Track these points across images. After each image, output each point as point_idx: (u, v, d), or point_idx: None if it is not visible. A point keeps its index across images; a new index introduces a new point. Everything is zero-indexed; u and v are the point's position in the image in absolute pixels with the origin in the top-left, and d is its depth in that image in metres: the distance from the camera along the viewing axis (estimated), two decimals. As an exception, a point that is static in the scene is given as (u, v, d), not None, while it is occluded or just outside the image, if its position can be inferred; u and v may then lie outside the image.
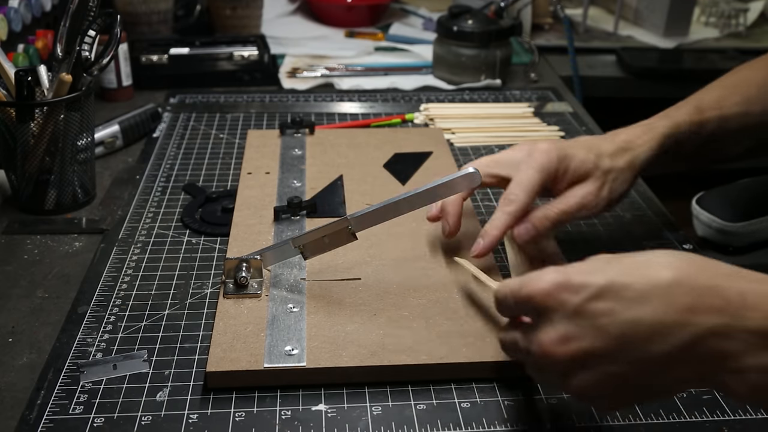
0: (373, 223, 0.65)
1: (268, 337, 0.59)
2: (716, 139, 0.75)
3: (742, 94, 0.76)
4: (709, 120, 0.74)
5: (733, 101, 0.75)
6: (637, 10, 1.59)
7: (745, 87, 0.77)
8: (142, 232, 0.78)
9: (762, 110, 0.76)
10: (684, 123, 0.72)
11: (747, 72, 0.80)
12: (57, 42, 0.79)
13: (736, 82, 0.78)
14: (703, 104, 0.75)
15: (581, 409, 0.56)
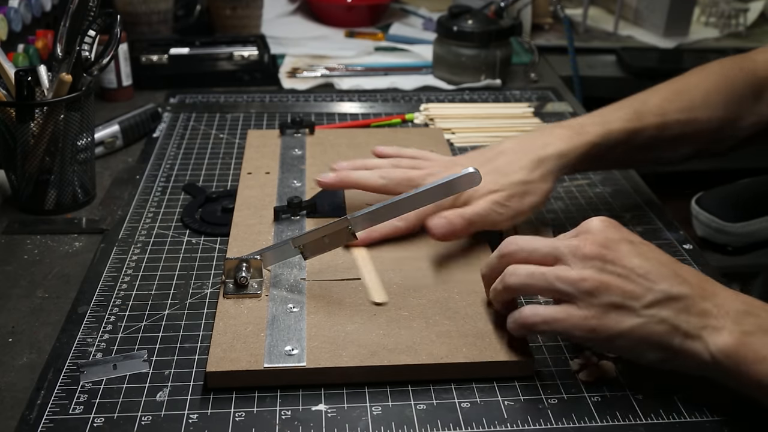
0: (373, 223, 0.65)
1: (268, 337, 0.59)
2: (653, 145, 0.75)
3: (688, 101, 0.76)
4: (648, 127, 0.74)
5: (677, 107, 0.75)
6: (637, 10, 1.59)
7: (691, 93, 0.77)
8: (142, 232, 0.78)
9: (707, 117, 0.76)
10: (617, 131, 0.72)
11: (697, 77, 0.80)
12: (57, 42, 0.79)
13: (684, 88, 0.78)
14: (644, 108, 0.75)
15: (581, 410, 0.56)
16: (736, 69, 0.80)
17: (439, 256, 0.70)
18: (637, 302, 0.52)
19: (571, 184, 0.89)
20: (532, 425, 0.54)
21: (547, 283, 0.54)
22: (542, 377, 0.58)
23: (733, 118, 0.78)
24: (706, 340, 0.51)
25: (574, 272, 0.53)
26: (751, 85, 0.79)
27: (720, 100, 0.77)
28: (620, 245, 0.54)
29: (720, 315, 0.51)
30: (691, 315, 0.52)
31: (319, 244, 0.66)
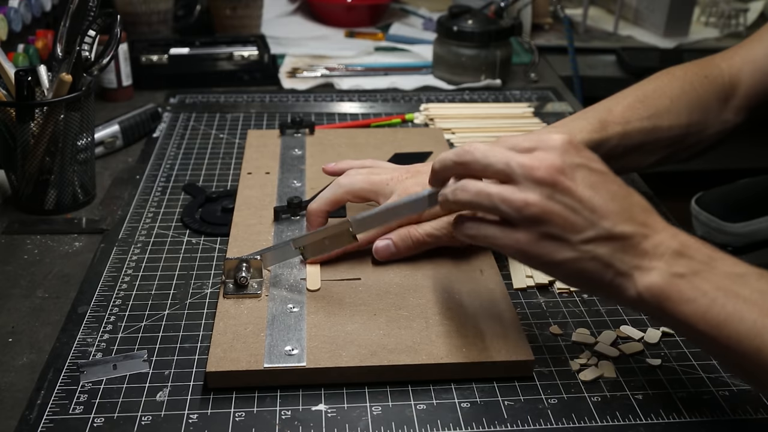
0: (374, 226, 0.65)
1: (268, 337, 0.59)
2: (617, 154, 0.75)
3: (653, 107, 0.76)
4: (612, 137, 0.73)
5: (640, 115, 0.75)
6: (637, 10, 1.59)
7: (656, 99, 0.77)
8: (142, 232, 0.78)
9: (670, 124, 0.76)
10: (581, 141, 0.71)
11: (664, 80, 0.79)
12: (57, 42, 0.79)
13: (650, 93, 0.77)
14: (609, 118, 0.74)
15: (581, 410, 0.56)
16: (701, 76, 0.79)
17: (440, 256, 0.70)
18: (575, 236, 0.51)
19: (571, 184, 0.89)
20: (532, 425, 0.54)
21: (491, 204, 0.53)
22: (542, 377, 0.58)
23: (698, 125, 0.78)
24: (635, 279, 0.51)
25: (519, 195, 0.51)
26: (716, 93, 0.79)
27: (684, 108, 0.77)
28: (576, 172, 0.52)
29: (655, 255, 0.51)
30: (626, 254, 0.51)
31: (320, 246, 0.66)
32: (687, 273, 0.50)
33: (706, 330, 0.49)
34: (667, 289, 0.50)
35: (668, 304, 0.49)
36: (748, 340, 0.47)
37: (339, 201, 0.71)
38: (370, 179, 0.71)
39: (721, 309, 0.48)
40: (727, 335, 0.48)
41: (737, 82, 0.80)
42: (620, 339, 0.63)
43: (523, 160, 0.52)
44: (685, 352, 0.62)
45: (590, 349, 0.62)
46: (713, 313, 0.48)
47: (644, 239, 0.51)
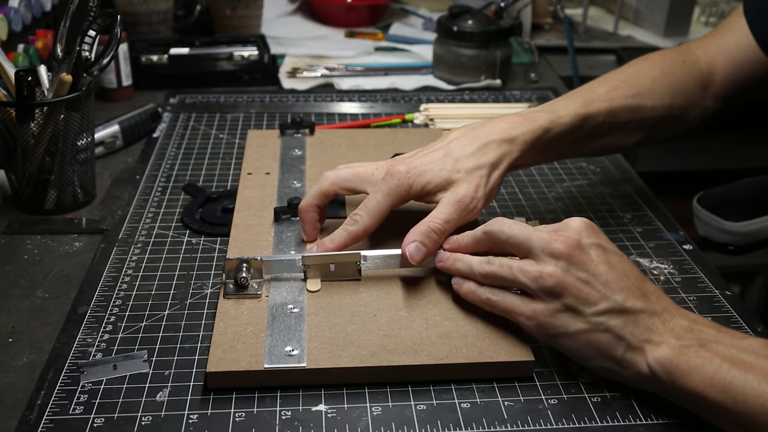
0: (383, 266, 0.66)
1: (268, 338, 0.59)
2: (603, 132, 0.75)
3: (636, 87, 0.77)
4: (597, 113, 0.74)
5: (624, 94, 0.76)
6: (637, 10, 1.59)
7: (638, 79, 0.77)
8: (142, 232, 0.78)
9: (653, 104, 0.77)
10: (567, 115, 0.72)
11: (644, 64, 0.81)
12: (57, 42, 0.79)
13: (632, 75, 0.78)
14: (593, 96, 0.75)
15: (581, 410, 0.56)
16: (680, 61, 0.80)
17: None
18: (589, 308, 0.54)
19: (571, 184, 0.89)
20: (532, 425, 0.54)
21: (512, 274, 0.57)
22: (542, 377, 0.59)
23: (680, 109, 0.79)
24: (646, 353, 0.53)
25: (537, 267, 0.56)
26: (695, 79, 0.80)
27: (666, 89, 0.78)
28: (591, 249, 0.56)
29: (665, 331, 0.54)
30: (637, 328, 0.54)
31: (324, 270, 0.66)
32: (694, 345, 0.52)
33: (713, 395, 0.50)
34: (676, 360, 0.52)
35: (677, 375, 0.52)
36: (754, 399, 0.49)
37: (326, 193, 0.70)
38: (355, 170, 0.70)
39: (726, 373, 0.50)
40: (734, 398, 0.49)
41: (713, 71, 0.81)
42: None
43: (543, 235, 0.56)
44: (685, 352, 0.62)
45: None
46: (719, 377, 0.50)
47: (655, 315, 0.54)
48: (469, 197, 0.65)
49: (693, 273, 0.72)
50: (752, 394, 0.49)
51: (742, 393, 0.49)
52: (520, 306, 0.57)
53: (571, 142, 0.74)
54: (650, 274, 0.72)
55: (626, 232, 0.79)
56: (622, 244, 0.77)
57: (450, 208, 0.65)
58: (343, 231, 0.66)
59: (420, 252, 0.63)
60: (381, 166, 0.70)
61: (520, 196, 0.86)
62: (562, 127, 0.71)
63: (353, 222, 0.66)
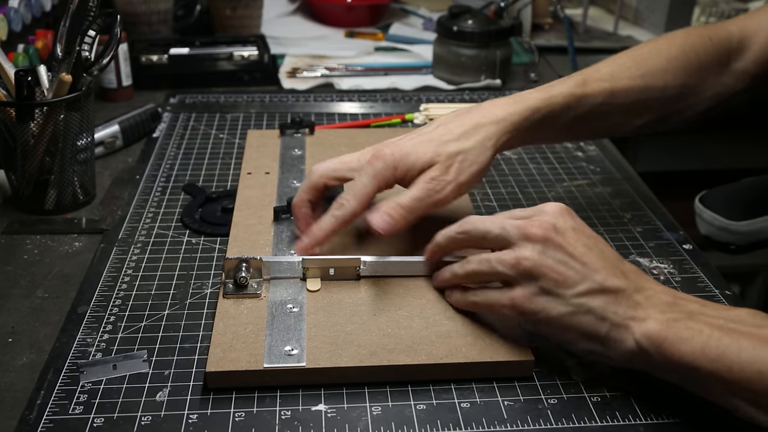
0: (381, 271, 0.66)
1: (268, 337, 0.59)
2: (603, 112, 0.72)
3: (646, 66, 0.74)
4: (596, 93, 0.71)
5: (630, 74, 0.73)
6: (637, 10, 1.59)
7: (652, 58, 0.75)
8: (142, 232, 0.78)
9: (664, 84, 0.74)
10: (560, 95, 0.70)
11: (663, 42, 0.77)
12: (57, 42, 0.79)
13: (645, 53, 0.76)
14: (594, 76, 0.72)
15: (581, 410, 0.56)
16: (705, 38, 0.77)
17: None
18: (569, 290, 0.54)
19: (571, 184, 0.89)
20: (532, 425, 0.54)
21: (490, 267, 0.57)
22: (542, 377, 0.58)
23: (694, 88, 0.76)
24: (632, 329, 0.53)
25: (514, 253, 0.56)
26: (718, 55, 0.76)
27: (681, 67, 0.75)
28: (567, 232, 0.56)
29: (648, 306, 0.53)
30: (620, 306, 0.53)
31: (324, 273, 0.66)
32: (681, 317, 0.52)
33: (706, 365, 0.49)
34: (664, 332, 0.51)
35: (666, 346, 0.51)
36: (750, 365, 0.48)
37: (316, 186, 0.70)
38: (341, 159, 0.70)
39: (718, 342, 0.49)
40: (728, 366, 0.49)
41: (746, 45, 0.77)
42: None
43: (517, 222, 0.56)
44: (685, 352, 0.62)
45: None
46: (711, 347, 0.49)
47: (637, 292, 0.54)
48: (437, 179, 0.65)
49: (693, 273, 0.72)
50: (747, 361, 0.48)
51: (737, 360, 0.48)
52: (500, 296, 0.57)
53: (566, 123, 0.71)
54: (650, 274, 0.72)
55: (626, 232, 0.79)
56: (622, 244, 0.77)
57: (419, 186, 0.65)
58: (330, 217, 0.66)
59: (383, 221, 0.63)
60: (366, 151, 0.69)
61: (520, 196, 0.86)
62: (555, 107, 0.69)
63: (339, 206, 0.66)
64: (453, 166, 0.66)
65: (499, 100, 0.70)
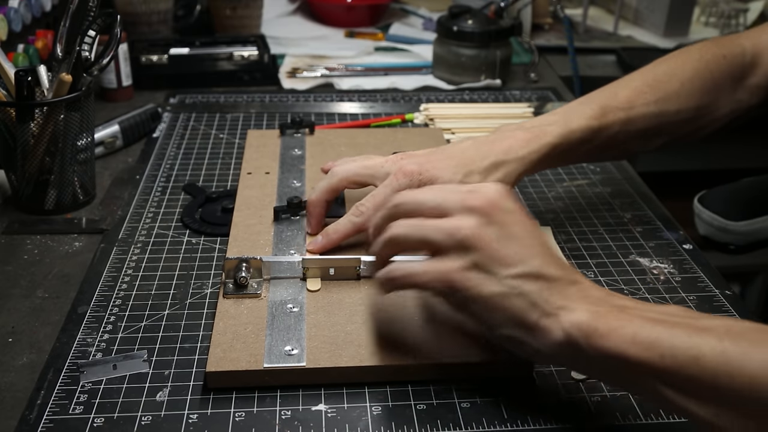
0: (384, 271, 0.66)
1: (268, 337, 0.59)
2: (620, 140, 0.73)
3: (661, 90, 0.74)
4: (612, 123, 0.71)
5: (646, 100, 0.73)
6: (637, 10, 1.59)
7: (666, 82, 0.74)
8: (142, 232, 0.78)
9: (678, 108, 0.74)
10: (579, 129, 0.70)
11: (678, 62, 0.77)
12: (57, 42, 0.79)
13: (660, 76, 0.75)
14: (611, 103, 0.72)
15: (581, 410, 0.56)
16: (719, 56, 0.76)
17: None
18: (504, 270, 0.51)
19: (571, 183, 0.89)
20: (532, 425, 0.54)
21: (422, 233, 0.53)
22: (542, 377, 0.58)
23: (708, 108, 0.76)
24: (561, 318, 0.50)
25: (453, 221, 0.52)
26: (731, 72, 0.76)
27: (696, 90, 0.75)
28: (509, 213, 0.52)
29: (579, 299, 0.51)
30: (552, 295, 0.51)
31: (324, 273, 0.66)
32: (612, 310, 0.50)
33: (637, 354, 0.47)
34: (594, 322, 0.49)
35: (596, 336, 0.48)
36: (683, 352, 0.46)
37: (336, 188, 0.71)
38: (364, 164, 0.71)
39: (649, 331, 0.47)
40: (660, 353, 0.46)
41: (759, 61, 0.77)
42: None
43: (458, 194, 0.53)
44: (685, 352, 0.62)
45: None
46: (643, 335, 0.47)
47: (571, 284, 0.52)
48: None
49: (693, 272, 0.72)
50: (681, 348, 0.46)
51: (669, 347, 0.46)
52: (428, 269, 0.52)
53: (584, 153, 0.73)
54: (650, 273, 0.72)
55: (626, 232, 0.79)
56: (622, 244, 0.77)
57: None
58: (348, 222, 0.68)
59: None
60: (390, 160, 0.70)
61: (520, 195, 0.86)
62: (573, 142, 0.70)
63: (359, 213, 0.68)
64: None
65: (519, 133, 0.70)
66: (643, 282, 0.71)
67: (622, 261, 0.74)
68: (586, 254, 0.75)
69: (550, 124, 0.71)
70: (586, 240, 0.77)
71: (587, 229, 0.79)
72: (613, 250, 0.76)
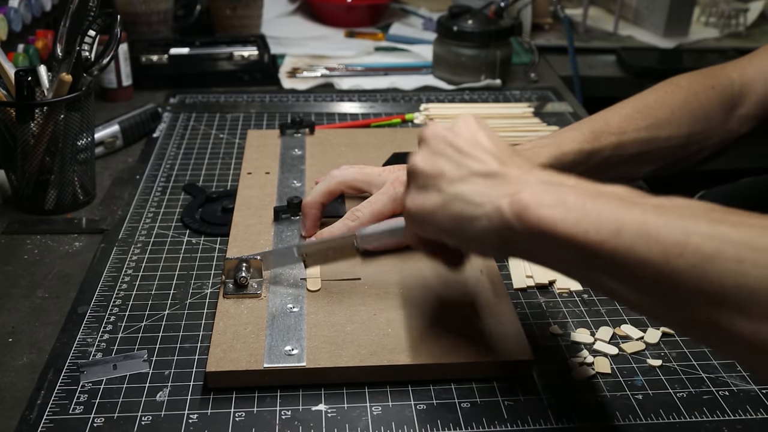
0: (379, 242, 0.66)
1: (268, 337, 0.59)
2: (612, 164, 0.74)
3: (652, 117, 0.75)
4: (604, 147, 0.72)
5: (637, 126, 0.74)
6: (637, 10, 1.59)
7: (657, 109, 0.76)
8: (142, 232, 0.78)
9: (668, 135, 0.75)
10: (571, 152, 0.71)
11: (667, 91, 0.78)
12: (57, 42, 0.79)
13: (651, 103, 0.76)
14: (604, 128, 0.73)
15: (581, 409, 0.56)
16: (708, 87, 0.78)
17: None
18: (443, 181, 0.52)
19: (571, 184, 0.89)
20: (532, 425, 0.54)
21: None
22: (542, 377, 0.58)
23: (699, 136, 0.77)
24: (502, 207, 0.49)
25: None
26: (721, 103, 0.78)
27: (685, 118, 0.76)
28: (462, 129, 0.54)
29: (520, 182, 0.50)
30: (494, 188, 0.50)
31: (323, 256, 0.66)
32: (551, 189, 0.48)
33: (563, 230, 0.45)
34: (527, 199, 0.47)
35: (528, 213, 0.47)
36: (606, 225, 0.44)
37: (333, 192, 0.73)
38: (362, 170, 0.73)
39: (581, 209, 0.45)
40: (585, 229, 0.44)
41: (747, 91, 0.79)
42: (620, 338, 0.63)
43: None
44: (685, 352, 0.62)
45: (589, 348, 0.62)
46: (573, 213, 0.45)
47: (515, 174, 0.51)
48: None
49: (693, 273, 0.72)
50: (605, 222, 0.44)
51: (595, 222, 0.44)
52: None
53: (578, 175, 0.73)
54: (650, 273, 0.72)
55: (626, 232, 0.79)
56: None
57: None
58: (343, 225, 0.70)
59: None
60: (388, 169, 0.73)
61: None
62: (565, 164, 0.71)
63: (354, 218, 0.69)
64: None
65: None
66: (643, 282, 0.71)
67: (622, 261, 0.74)
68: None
69: (542, 146, 0.72)
70: (586, 240, 0.77)
71: (587, 229, 0.79)
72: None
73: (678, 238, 0.41)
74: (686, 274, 0.40)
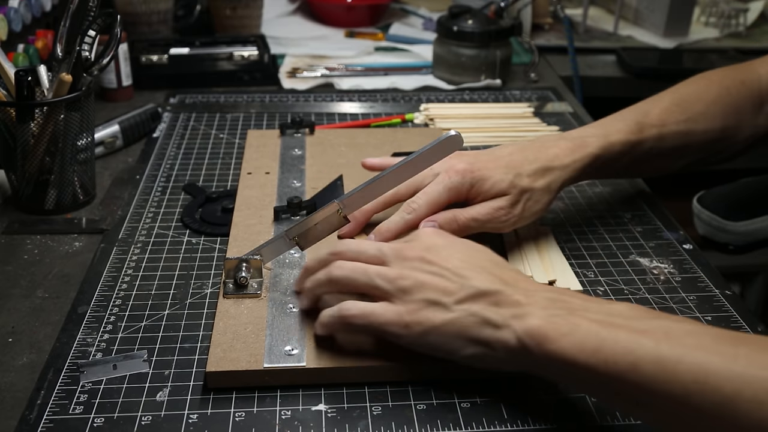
0: (362, 203, 0.66)
1: (268, 337, 0.59)
2: (653, 156, 0.76)
3: (689, 110, 0.77)
4: (648, 138, 0.74)
5: (676, 119, 0.76)
6: (637, 10, 1.59)
7: (692, 103, 0.77)
8: (142, 232, 0.78)
9: (705, 128, 0.77)
10: (618, 143, 0.73)
11: (701, 84, 0.80)
12: (57, 42, 0.79)
13: (686, 96, 0.78)
14: (645, 120, 0.75)
15: (581, 410, 0.56)
16: (738, 82, 0.80)
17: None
18: (449, 298, 0.54)
19: (571, 184, 0.89)
20: (532, 425, 0.54)
21: (367, 278, 0.57)
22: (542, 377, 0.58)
23: (731, 130, 0.79)
24: (514, 327, 0.52)
25: (394, 271, 0.56)
26: (751, 98, 0.79)
27: (719, 112, 0.78)
28: (442, 250, 0.57)
29: (529, 303, 0.53)
30: (501, 307, 0.53)
31: (313, 232, 0.66)
32: (562, 313, 0.51)
33: (583, 359, 0.49)
34: (544, 328, 0.51)
35: (547, 343, 0.50)
36: (623, 357, 0.47)
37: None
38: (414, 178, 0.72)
39: (596, 336, 0.49)
40: (604, 359, 0.48)
41: None
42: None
43: (394, 245, 0.58)
44: (685, 352, 0.62)
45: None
46: (590, 341, 0.49)
47: (516, 293, 0.54)
48: (505, 210, 0.68)
49: (693, 272, 0.72)
50: (621, 353, 0.47)
51: (612, 353, 0.48)
52: (384, 311, 0.55)
53: (621, 167, 0.75)
54: (650, 273, 0.72)
55: (626, 232, 0.79)
56: (622, 244, 0.77)
57: (485, 209, 0.68)
58: (400, 219, 0.68)
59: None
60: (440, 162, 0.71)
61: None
62: (614, 154, 0.73)
63: (411, 210, 0.68)
64: (520, 203, 0.69)
65: (562, 143, 0.72)
66: (643, 282, 0.71)
67: (622, 261, 0.74)
68: (586, 254, 0.75)
69: (590, 135, 0.73)
70: (586, 240, 0.77)
71: (587, 229, 0.79)
72: (613, 250, 0.76)
73: (696, 377, 0.45)
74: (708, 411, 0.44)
